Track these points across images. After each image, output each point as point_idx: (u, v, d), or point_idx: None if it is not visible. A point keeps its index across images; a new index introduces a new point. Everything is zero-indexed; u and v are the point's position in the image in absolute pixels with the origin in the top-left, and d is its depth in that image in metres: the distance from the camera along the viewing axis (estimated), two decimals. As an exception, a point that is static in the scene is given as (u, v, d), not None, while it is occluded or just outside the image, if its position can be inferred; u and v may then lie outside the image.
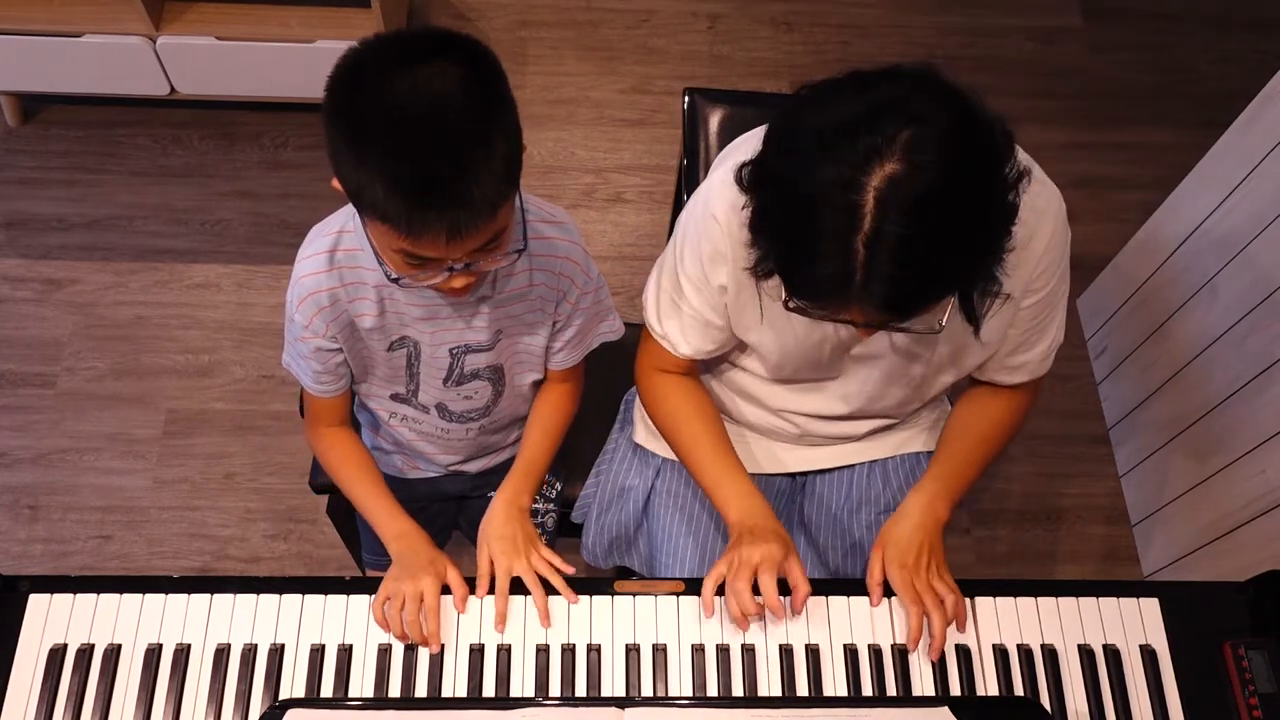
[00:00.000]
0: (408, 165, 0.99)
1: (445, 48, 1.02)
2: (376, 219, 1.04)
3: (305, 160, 2.53)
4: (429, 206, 1.00)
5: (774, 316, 1.24)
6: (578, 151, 2.61)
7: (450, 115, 0.99)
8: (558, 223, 1.27)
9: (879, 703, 1.16)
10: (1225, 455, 1.93)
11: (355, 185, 1.02)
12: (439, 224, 1.01)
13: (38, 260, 2.38)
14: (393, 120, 0.99)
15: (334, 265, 1.21)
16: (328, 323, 1.24)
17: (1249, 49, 2.83)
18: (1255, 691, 1.20)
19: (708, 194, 1.22)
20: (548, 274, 1.27)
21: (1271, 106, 1.80)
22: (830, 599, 1.26)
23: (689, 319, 1.29)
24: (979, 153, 0.96)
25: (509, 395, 1.41)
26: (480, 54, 1.04)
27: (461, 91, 1.00)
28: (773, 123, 1.06)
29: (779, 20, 2.83)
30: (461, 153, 1.00)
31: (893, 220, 0.92)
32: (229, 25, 2.24)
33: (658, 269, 1.33)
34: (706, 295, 1.25)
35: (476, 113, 1.01)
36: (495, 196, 1.03)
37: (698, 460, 1.34)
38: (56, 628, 1.20)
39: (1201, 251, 1.99)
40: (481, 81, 1.02)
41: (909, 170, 0.92)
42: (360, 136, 1.00)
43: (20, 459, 2.18)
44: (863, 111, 0.95)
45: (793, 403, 1.40)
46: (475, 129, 1.01)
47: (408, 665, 1.20)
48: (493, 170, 1.02)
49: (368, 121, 1.00)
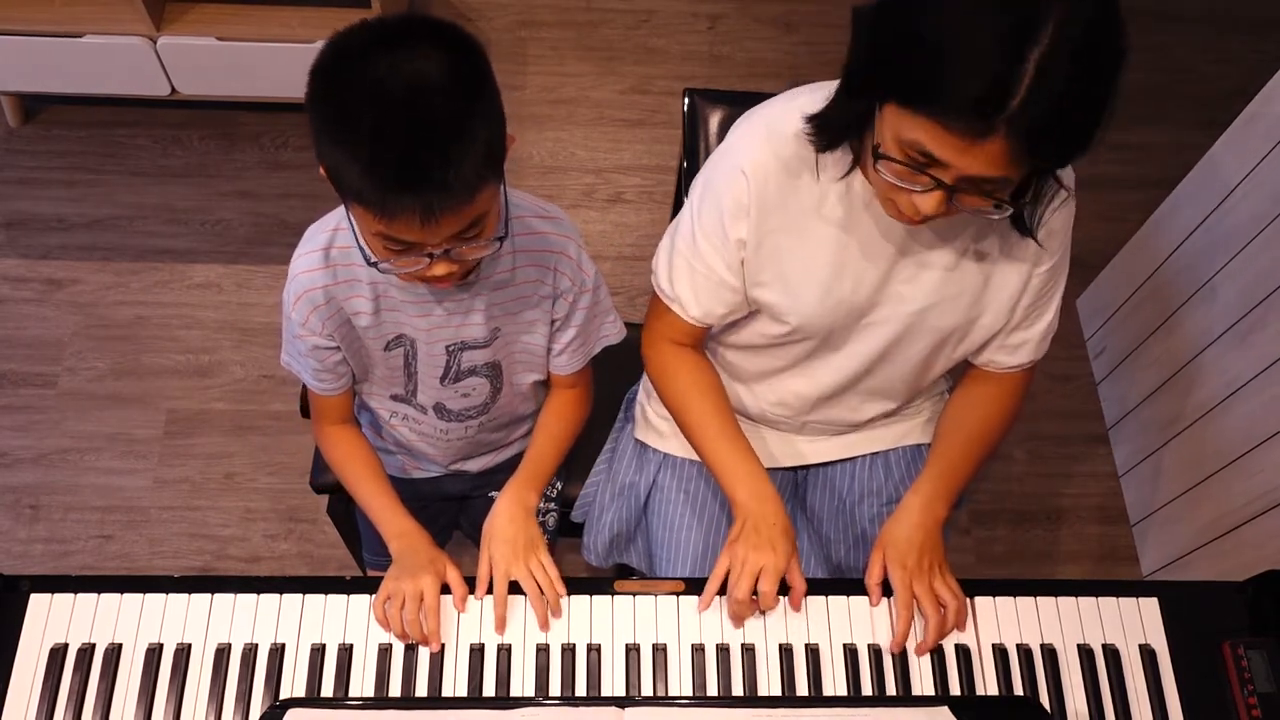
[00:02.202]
0: (383, 146, 0.99)
1: (429, 32, 1.02)
2: (353, 200, 1.04)
3: (305, 160, 2.53)
4: (404, 188, 1.00)
5: (794, 272, 1.24)
6: (578, 151, 2.61)
7: (429, 97, 0.99)
8: (551, 218, 1.27)
9: (879, 702, 1.16)
10: (1224, 455, 1.93)
11: (333, 165, 1.03)
12: (413, 205, 1.01)
13: (38, 260, 2.38)
14: (371, 100, 0.99)
15: (329, 262, 1.21)
16: (323, 320, 1.24)
17: (1249, 49, 2.83)
18: (1254, 691, 1.21)
19: (733, 150, 1.22)
20: (540, 269, 1.27)
21: (1271, 106, 1.80)
22: (830, 599, 1.26)
23: (701, 279, 1.28)
24: (1122, 33, 0.98)
25: (508, 393, 1.41)
26: (463, 39, 1.03)
27: (442, 74, 1.00)
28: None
29: (779, 20, 2.83)
30: (439, 135, 1.00)
31: (1071, 39, 0.93)
32: (229, 25, 2.24)
33: (670, 233, 1.32)
34: (723, 252, 1.24)
35: (456, 96, 1.01)
36: (473, 179, 1.02)
37: (706, 439, 1.34)
38: (57, 628, 1.20)
39: (1201, 251, 2.00)
40: (463, 65, 1.02)
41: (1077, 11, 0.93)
42: (339, 116, 1.01)
43: (21, 459, 2.18)
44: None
45: (794, 381, 1.40)
46: (454, 112, 1.00)
47: (408, 665, 1.20)
48: (471, 154, 1.01)
49: (347, 102, 1.00)
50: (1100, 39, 0.96)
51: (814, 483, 1.52)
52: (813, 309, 1.26)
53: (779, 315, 1.29)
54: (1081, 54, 0.94)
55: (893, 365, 1.35)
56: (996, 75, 0.93)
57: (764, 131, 1.20)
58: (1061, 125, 0.97)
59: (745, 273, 1.26)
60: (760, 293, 1.28)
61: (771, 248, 1.23)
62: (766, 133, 1.20)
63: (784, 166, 1.19)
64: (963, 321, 1.29)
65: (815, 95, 1.18)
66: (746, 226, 1.22)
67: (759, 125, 1.21)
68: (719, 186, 1.22)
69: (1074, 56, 0.93)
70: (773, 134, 1.19)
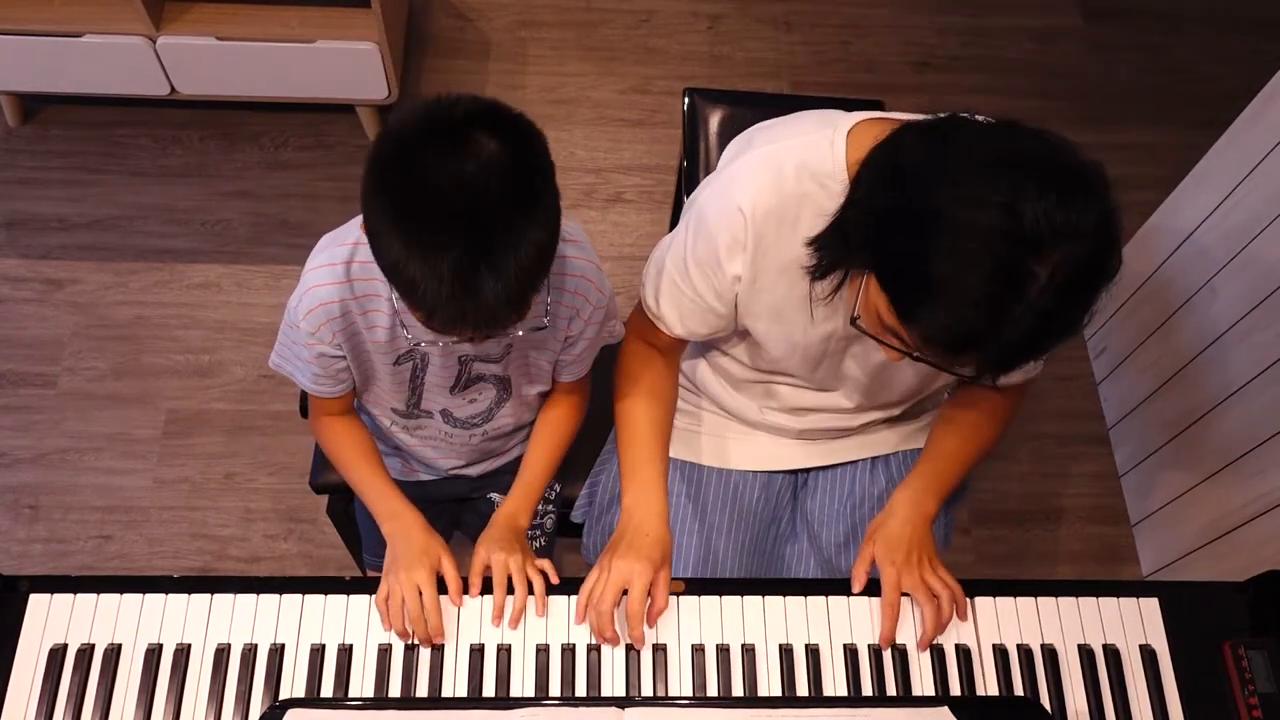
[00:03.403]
0: (444, 266, 0.96)
1: (492, 129, 0.99)
2: (405, 297, 1.04)
3: (305, 160, 2.53)
4: (462, 305, 0.99)
5: (788, 308, 1.24)
6: (578, 151, 2.61)
7: (493, 213, 0.97)
8: (573, 241, 1.25)
9: (879, 703, 1.16)
10: (1225, 455, 1.93)
11: (390, 260, 1.00)
12: (466, 324, 1.03)
13: (38, 260, 2.38)
14: (437, 217, 0.97)
15: (349, 278, 1.19)
16: (335, 332, 1.23)
17: (1249, 49, 2.83)
18: (1255, 691, 1.21)
19: (730, 183, 1.19)
20: (562, 293, 1.26)
21: (1271, 106, 1.80)
22: (830, 599, 1.26)
23: (689, 303, 1.28)
24: (1117, 245, 0.97)
25: (514, 403, 1.40)
26: (526, 134, 1.01)
27: (507, 187, 0.97)
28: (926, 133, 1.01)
29: (779, 20, 2.83)
30: (499, 253, 0.98)
31: (1058, 291, 0.92)
32: (229, 25, 2.24)
33: (663, 248, 1.31)
34: (716, 283, 1.24)
35: (520, 208, 0.99)
36: (528, 292, 1.02)
37: (627, 436, 1.36)
38: (57, 628, 1.20)
39: (1201, 251, 1.99)
40: (528, 170, 1.00)
41: (1078, 248, 0.92)
42: (403, 226, 0.98)
43: (21, 459, 2.18)
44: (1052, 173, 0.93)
45: (792, 394, 1.40)
46: (517, 226, 0.98)
47: (408, 665, 1.20)
48: (529, 268, 0.99)
49: (411, 211, 0.98)
50: (1092, 272, 0.95)
51: (814, 486, 1.52)
52: (803, 337, 1.27)
53: (770, 346, 1.30)
54: (1069, 295, 0.94)
55: (890, 387, 1.35)
56: (977, 329, 0.95)
57: (768, 170, 1.17)
58: (1034, 350, 0.99)
59: (739, 304, 1.26)
60: (753, 322, 1.28)
61: (767, 283, 1.23)
62: (771, 173, 1.16)
63: (783, 207, 1.16)
64: None
65: (821, 134, 1.15)
66: (743, 262, 1.21)
67: (764, 162, 1.18)
68: (716, 221, 1.20)
69: (1055, 301, 0.93)
70: (776, 174, 1.16)
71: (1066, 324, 0.98)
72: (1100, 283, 0.97)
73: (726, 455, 1.48)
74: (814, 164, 1.14)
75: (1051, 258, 0.91)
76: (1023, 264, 0.91)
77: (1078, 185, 0.93)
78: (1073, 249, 0.92)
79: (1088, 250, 0.93)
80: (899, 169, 1.00)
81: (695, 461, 1.48)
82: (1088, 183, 0.94)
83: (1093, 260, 0.94)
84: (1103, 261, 0.95)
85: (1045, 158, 0.95)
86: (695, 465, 1.48)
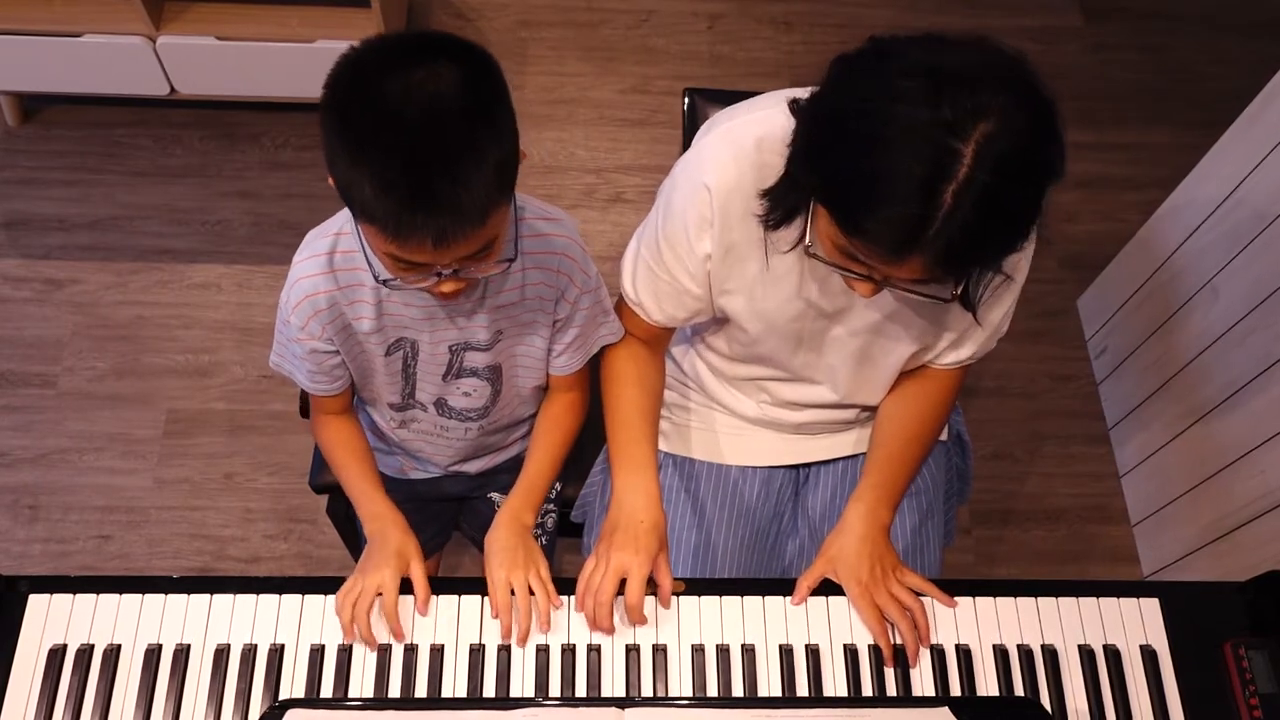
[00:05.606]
0: (397, 169, 0.98)
1: (445, 50, 1.01)
2: (365, 219, 1.04)
3: (305, 160, 2.53)
4: (415, 211, 1.00)
5: (761, 281, 1.25)
6: (578, 151, 2.61)
7: (443, 120, 0.99)
8: (555, 219, 1.27)
9: (879, 703, 1.16)
10: (1225, 455, 1.93)
11: (346, 184, 1.02)
12: (425, 230, 1.01)
13: (38, 260, 2.38)
14: (386, 122, 0.98)
15: (332, 268, 1.21)
16: (324, 325, 1.23)
17: (1249, 49, 2.83)
18: (1256, 692, 1.20)
19: (697, 161, 1.22)
20: (544, 271, 1.27)
21: (1272, 106, 1.80)
22: (830, 599, 1.26)
23: (665, 286, 1.30)
24: (1056, 138, 0.99)
25: (507, 396, 1.40)
26: (480, 58, 1.03)
27: (457, 96, 0.99)
28: (853, 59, 1.05)
29: (779, 20, 2.83)
30: (452, 159, 0.99)
31: (987, 171, 0.94)
32: (229, 25, 2.24)
33: (638, 237, 1.34)
34: (688, 262, 1.26)
35: (471, 118, 1.00)
36: (485, 204, 1.02)
37: (615, 421, 1.36)
38: (56, 628, 1.20)
39: (1202, 251, 1.99)
40: (479, 86, 1.02)
41: (1004, 130, 0.94)
42: (353, 136, 1.00)
43: (21, 459, 2.18)
44: (975, 64, 0.97)
45: (781, 388, 1.41)
46: (468, 135, 1.00)
47: (408, 665, 1.20)
48: (484, 177, 1.01)
49: (362, 121, 1.00)
50: (1024, 157, 0.96)
51: (814, 481, 1.52)
52: (778, 311, 1.27)
53: (746, 324, 1.30)
54: (999, 177, 0.94)
55: (874, 370, 1.36)
56: (914, 216, 0.96)
57: (728, 145, 1.20)
58: (976, 244, 1.00)
59: (711, 281, 1.28)
60: (727, 300, 1.29)
61: (737, 257, 1.24)
62: (731, 147, 1.20)
63: (747, 180, 1.19)
64: (929, 330, 1.30)
65: (778, 109, 1.17)
66: (711, 239, 1.23)
67: (723, 138, 1.21)
68: (683, 199, 1.23)
69: (989, 183, 0.94)
70: (737, 148, 1.19)
71: (1008, 218, 0.99)
72: (1038, 174, 0.98)
73: (719, 449, 1.49)
74: (772, 136, 1.16)
75: (973, 136, 0.93)
76: (944, 143, 0.94)
77: (1000, 72, 0.97)
78: (994, 127, 0.94)
79: (1015, 132, 0.94)
80: (829, 96, 1.05)
81: (686, 455, 1.48)
82: (1013, 71, 0.98)
83: (1023, 145, 0.95)
84: (1037, 149, 0.97)
85: (968, 54, 0.99)
86: (687, 460, 1.48)
